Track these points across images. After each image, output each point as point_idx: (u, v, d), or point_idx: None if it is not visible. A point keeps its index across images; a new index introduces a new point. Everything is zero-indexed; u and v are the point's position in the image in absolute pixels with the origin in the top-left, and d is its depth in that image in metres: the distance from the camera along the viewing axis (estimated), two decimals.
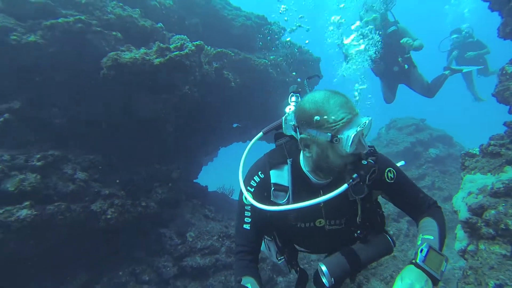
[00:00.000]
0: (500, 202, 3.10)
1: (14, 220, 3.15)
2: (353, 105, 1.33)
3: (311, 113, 1.32)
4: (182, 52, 3.96)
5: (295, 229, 1.59)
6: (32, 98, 3.80)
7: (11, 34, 3.33)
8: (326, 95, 1.33)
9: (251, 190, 1.51)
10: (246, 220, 1.54)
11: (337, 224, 1.57)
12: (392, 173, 1.52)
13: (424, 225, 1.47)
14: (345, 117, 1.28)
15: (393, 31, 5.22)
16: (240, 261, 1.53)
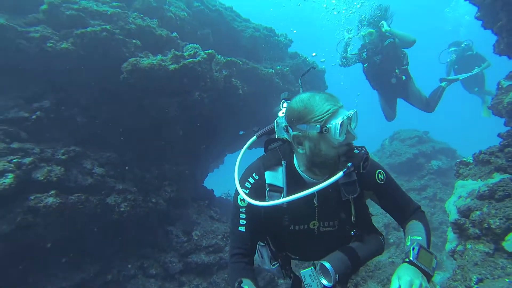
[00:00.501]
0: (485, 204, 3.34)
1: (42, 206, 3.49)
2: (338, 99, 1.43)
3: (299, 110, 1.41)
4: (195, 60, 4.33)
5: (289, 232, 1.60)
6: (59, 99, 4.19)
7: (48, 42, 3.76)
8: (312, 93, 1.44)
9: (246, 192, 1.52)
10: (241, 222, 1.55)
11: (331, 225, 1.60)
12: (382, 175, 1.58)
13: (411, 227, 1.51)
14: (331, 108, 1.37)
15: (390, 43, 5.31)
16: (236, 263, 1.53)
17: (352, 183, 1.51)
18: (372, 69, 5.63)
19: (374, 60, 5.52)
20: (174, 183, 5.75)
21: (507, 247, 2.84)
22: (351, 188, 1.50)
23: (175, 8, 5.63)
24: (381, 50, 5.40)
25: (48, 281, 4.08)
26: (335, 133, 1.33)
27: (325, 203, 1.54)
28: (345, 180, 1.49)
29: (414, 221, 1.54)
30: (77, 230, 4.31)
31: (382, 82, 5.77)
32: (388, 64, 5.47)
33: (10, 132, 3.77)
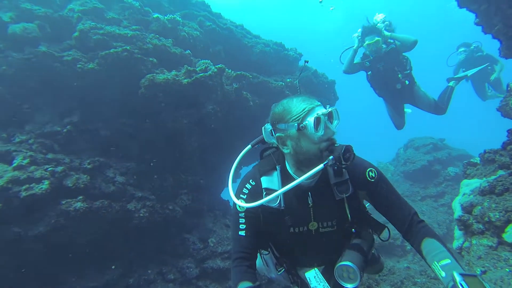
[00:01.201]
0: (486, 199, 3.42)
1: (72, 209, 3.86)
2: (315, 99, 1.52)
3: (279, 113, 1.52)
4: (206, 74, 4.71)
5: (290, 236, 1.63)
6: (86, 113, 4.64)
7: (78, 63, 4.26)
8: (291, 97, 1.55)
9: (244, 197, 1.59)
10: (241, 227, 1.59)
11: (329, 226, 1.62)
12: (374, 173, 1.58)
13: (431, 248, 1.42)
14: (307, 107, 1.46)
15: (391, 49, 5.36)
16: (238, 267, 1.55)
17: (344, 182, 1.56)
18: (376, 77, 5.66)
19: (377, 68, 5.56)
20: (190, 192, 6.05)
21: (507, 238, 2.91)
22: (344, 188, 1.55)
23: (188, 28, 6.11)
24: (383, 57, 5.45)
25: (77, 281, 4.42)
26: (311, 128, 1.41)
27: (319, 203, 1.58)
28: (337, 180, 1.56)
29: (427, 240, 1.45)
30: (102, 235, 4.65)
31: (387, 89, 5.77)
32: (391, 70, 5.49)
33: (46, 144, 4.23)
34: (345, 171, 1.57)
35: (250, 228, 1.58)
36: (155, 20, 5.34)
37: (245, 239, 1.58)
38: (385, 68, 5.48)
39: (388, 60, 5.44)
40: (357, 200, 1.64)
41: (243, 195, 1.60)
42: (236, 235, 1.60)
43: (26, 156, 3.84)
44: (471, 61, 8.42)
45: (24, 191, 3.56)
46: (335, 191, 1.55)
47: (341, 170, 1.56)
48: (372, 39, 5.33)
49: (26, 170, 3.74)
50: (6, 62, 4.16)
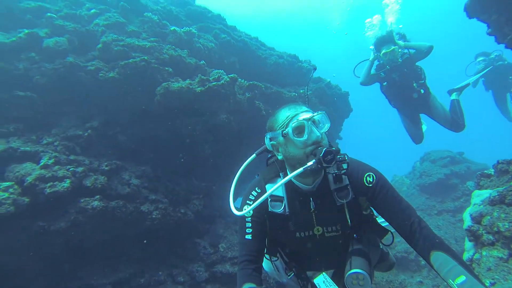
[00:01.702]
0: (495, 209, 3.36)
1: (90, 208, 4.14)
2: (302, 106, 1.58)
3: (270, 122, 1.66)
4: (219, 83, 4.95)
5: (296, 240, 1.68)
6: (105, 119, 4.98)
7: (100, 72, 4.63)
8: (282, 107, 1.64)
9: (250, 204, 1.63)
10: (247, 231, 1.63)
11: (334, 230, 1.65)
12: (372, 177, 1.57)
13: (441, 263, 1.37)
14: (290, 114, 1.54)
15: (406, 58, 5.34)
16: (243, 269, 1.59)
17: (343, 188, 1.57)
18: (391, 87, 5.63)
19: (392, 78, 5.54)
20: (202, 197, 6.23)
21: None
22: (344, 193, 1.56)
23: (203, 40, 6.44)
24: (398, 67, 5.43)
25: (92, 276, 4.66)
26: (291, 133, 1.48)
27: (322, 209, 1.61)
28: (337, 186, 1.58)
29: (435, 253, 1.40)
30: (116, 234, 4.89)
31: (403, 99, 5.73)
32: (406, 79, 5.47)
33: (69, 147, 4.57)
34: (345, 177, 1.58)
35: (256, 232, 1.63)
36: (172, 32, 5.70)
37: (251, 242, 1.62)
38: (400, 78, 5.46)
39: (403, 70, 5.42)
40: (358, 205, 1.65)
41: (249, 202, 1.65)
42: (243, 239, 1.64)
43: (51, 156, 4.16)
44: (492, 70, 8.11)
45: (48, 188, 3.86)
46: (336, 197, 1.57)
47: (341, 176, 1.57)
48: (388, 48, 5.31)
49: (51, 169, 4.06)
50: (39, 72, 4.58)
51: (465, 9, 4.62)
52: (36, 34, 4.61)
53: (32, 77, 4.49)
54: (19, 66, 4.41)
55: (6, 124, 4.31)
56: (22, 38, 4.38)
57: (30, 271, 4.23)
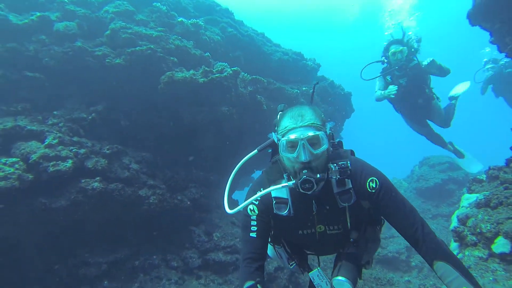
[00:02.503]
0: (480, 211, 3.48)
1: (90, 188, 4.29)
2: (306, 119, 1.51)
3: (276, 121, 1.67)
4: (221, 75, 5.07)
5: (299, 236, 1.75)
6: (109, 104, 5.13)
7: (106, 58, 4.77)
8: (292, 108, 1.59)
9: (256, 203, 1.67)
10: (252, 229, 1.65)
11: (336, 229, 1.71)
12: (375, 183, 1.56)
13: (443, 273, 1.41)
14: (289, 125, 1.51)
15: (415, 64, 5.35)
16: (246, 267, 1.60)
17: (346, 191, 1.58)
18: (398, 92, 5.54)
19: (400, 83, 5.53)
20: (200, 186, 6.37)
21: (495, 249, 2.96)
22: (346, 197, 1.57)
23: (210, 32, 6.55)
24: (407, 72, 5.45)
25: (90, 255, 4.83)
26: (283, 147, 1.51)
27: (324, 210, 1.65)
28: (339, 190, 1.58)
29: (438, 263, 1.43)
30: (114, 217, 5.05)
31: (407, 104, 5.77)
32: (414, 85, 5.51)
33: (73, 129, 4.73)
34: (348, 181, 1.58)
35: (261, 231, 1.65)
36: (179, 23, 5.82)
37: (256, 240, 1.64)
38: (408, 84, 5.49)
39: (412, 76, 5.45)
40: (360, 206, 1.66)
41: (255, 201, 1.67)
42: (248, 236, 1.66)
43: (56, 137, 4.32)
44: (500, 77, 8.21)
45: (51, 166, 4.02)
46: (338, 200, 1.59)
47: (344, 180, 1.57)
48: (397, 48, 5.34)
49: (55, 149, 4.21)
50: (49, 55, 4.73)
51: (468, 17, 4.68)
52: (48, 18, 4.74)
53: (42, 59, 4.64)
54: (30, 48, 4.56)
55: (15, 103, 4.46)
56: (34, 20, 4.52)
57: (30, 245, 4.40)
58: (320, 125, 1.53)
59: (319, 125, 1.52)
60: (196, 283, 5.48)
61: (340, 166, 1.54)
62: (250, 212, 1.67)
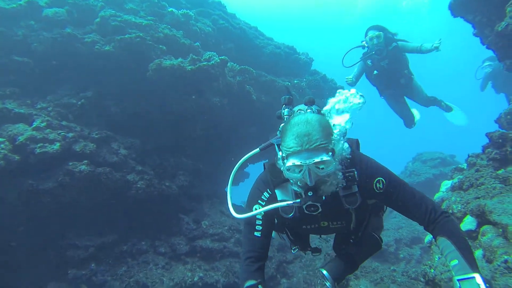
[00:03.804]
0: (454, 194, 3.60)
1: (77, 171, 4.40)
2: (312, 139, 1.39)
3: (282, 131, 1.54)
4: (209, 63, 5.17)
5: (304, 230, 1.83)
6: (100, 91, 5.22)
7: (96, 45, 4.87)
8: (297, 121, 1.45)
9: (262, 204, 1.66)
10: (257, 228, 1.64)
11: (339, 224, 1.75)
12: (381, 183, 1.54)
13: (442, 248, 1.46)
14: (294, 147, 1.41)
15: (394, 47, 5.56)
16: (248, 266, 1.60)
17: (352, 195, 1.58)
18: (381, 75, 5.81)
19: (381, 66, 5.73)
20: (189, 174, 6.47)
21: (463, 227, 3.07)
22: (352, 200, 1.58)
23: (201, 24, 6.63)
24: (387, 55, 5.63)
25: (77, 238, 4.93)
26: (284, 169, 1.47)
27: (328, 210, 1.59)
28: (345, 193, 1.58)
29: (440, 238, 1.48)
30: (103, 201, 5.15)
31: (390, 85, 5.99)
32: (394, 66, 5.73)
33: (62, 113, 4.83)
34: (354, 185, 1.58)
35: (265, 230, 1.65)
36: (169, 13, 5.91)
37: (260, 239, 1.64)
38: (389, 66, 5.69)
39: (392, 58, 5.66)
40: (366, 206, 1.69)
41: (262, 202, 1.66)
42: (251, 235, 1.65)
43: (44, 120, 4.41)
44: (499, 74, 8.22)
45: (38, 148, 4.12)
46: (344, 202, 1.59)
47: (350, 185, 1.56)
48: (374, 33, 5.53)
49: (42, 132, 4.31)
50: (37, 40, 4.81)
51: (449, 8, 4.78)
52: (36, 3, 4.83)
53: (31, 44, 4.72)
54: (18, 33, 4.64)
55: (3, 87, 4.54)
56: (22, 5, 4.60)
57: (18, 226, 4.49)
58: (326, 144, 1.41)
59: (326, 145, 1.41)
60: (182, 268, 5.59)
61: (347, 177, 1.52)
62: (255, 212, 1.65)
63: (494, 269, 1.98)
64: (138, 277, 5.20)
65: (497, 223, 2.30)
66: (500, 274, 1.92)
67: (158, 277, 5.38)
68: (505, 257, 2.01)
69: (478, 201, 2.97)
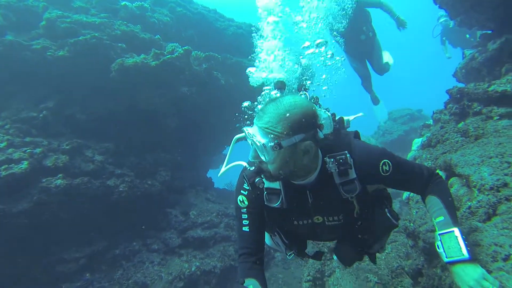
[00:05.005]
0: (424, 152, 3.85)
1: (53, 186, 4.26)
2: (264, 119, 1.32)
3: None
4: (173, 56, 5.03)
5: (295, 227, 1.64)
6: (61, 99, 4.96)
7: (48, 51, 4.55)
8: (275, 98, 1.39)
9: (245, 194, 1.58)
10: (244, 222, 1.57)
11: (336, 220, 1.59)
12: (387, 165, 1.47)
13: (430, 206, 1.48)
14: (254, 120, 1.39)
15: (355, 1, 5.46)
16: (243, 263, 1.54)
17: (350, 182, 1.46)
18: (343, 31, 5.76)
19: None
20: (169, 169, 6.44)
21: None
22: (351, 187, 1.45)
23: (158, 14, 6.36)
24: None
25: (65, 252, 4.85)
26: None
27: (322, 201, 1.53)
28: (342, 180, 1.46)
29: (430, 197, 1.50)
30: (86, 210, 5.05)
31: (352, 41, 5.98)
32: (356, 23, 5.70)
33: (23, 129, 4.57)
34: (351, 170, 1.46)
35: (253, 224, 1.57)
36: (123, 7, 5.61)
37: (249, 234, 1.57)
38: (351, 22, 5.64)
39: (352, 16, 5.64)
40: (366, 193, 1.58)
41: (244, 191, 1.59)
42: (240, 231, 1.59)
43: (3, 140, 4.18)
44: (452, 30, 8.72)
45: (3, 170, 3.91)
46: (341, 190, 1.46)
47: (346, 170, 1.45)
48: None
49: (4, 152, 4.09)
50: None
51: None
52: None
53: None
54: None
55: None
56: None
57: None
58: (279, 132, 1.28)
59: (277, 131, 1.28)
60: (178, 261, 5.69)
61: (337, 160, 1.43)
62: (240, 204, 1.60)
63: (461, 215, 2.19)
64: (136, 278, 5.25)
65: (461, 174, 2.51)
66: (466, 219, 2.13)
67: (156, 274, 5.45)
68: (468, 204, 2.21)
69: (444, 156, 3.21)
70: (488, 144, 2.78)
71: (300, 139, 1.29)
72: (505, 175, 2.16)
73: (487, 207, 2.02)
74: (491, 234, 1.78)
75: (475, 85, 3.77)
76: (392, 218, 1.62)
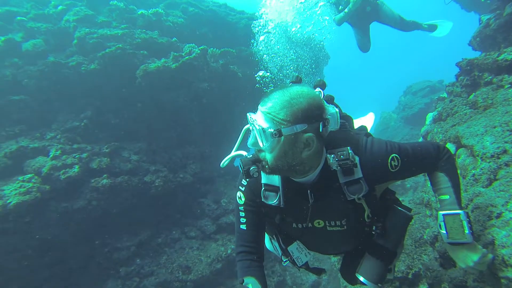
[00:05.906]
0: (436, 126, 3.99)
1: (101, 185, 4.86)
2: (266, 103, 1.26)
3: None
4: (191, 56, 5.41)
5: (294, 230, 1.56)
6: (97, 107, 5.53)
7: (82, 66, 5.11)
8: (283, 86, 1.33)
9: (242, 190, 1.54)
10: (241, 220, 1.53)
11: (338, 225, 1.48)
12: (396, 160, 1.38)
13: (437, 181, 1.46)
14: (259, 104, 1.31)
15: None
16: (242, 261, 1.50)
17: (355, 181, 1.36)
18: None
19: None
20: (198, 161, 6.93)
21: None
22: (356, 188, 1.35)
23: (172, 17, 6.73)
24: None
25: (117, 241, 5.53)
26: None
27: (323, 202, 1.43)
28: (347, 179, 1.36)
29: (436, 174, 1.47)
30: (129, 205, 5.66)
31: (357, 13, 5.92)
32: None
33: (70, 137, 5.20)
34: (357, 169, 1.35)
35: (250, 221, 1.52)
36: (140, 16, 6.02)
37: (246, 232, 1.52)
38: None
39: None
40: (374, 195, 1.45)
41: (242, 187, 1.55)
42: (238, 228, 1.55)
43: (58, 148, 4.80)
44: None
45: (62, 174, 4.54)
46: (346, 191, 1.36)
47: (352, 168, 1.34)
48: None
49: (60, 159, 4.72)
50: (26, 75, 5.05)
51: None
52: (13, 40, 5.01)
53: (21, 80, 4.97)
54: (6, 73, 4.88)
55: (11, 126, 4.88)
56: (0, 46, 4.79)
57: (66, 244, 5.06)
58: (281, 118, 1.21)
59: (278, 118, 1.22)
60: (215, 245, 6.23)
61: (338, 156, 1.32)
62: (238, 200, 1.56)
63: (466, 183, 2.41)
64: (179, 262, 5.85)
65: (466, 145, 2.71)
66: (470, 185, 2.35)
67: (197, 257, 6.03)
68: (473, 172, 2.43)
69: (453, 129, 3.37)
70: (495, 114, 2.92)
71: (302, 130, 1.21)
72: (505, 142, 2.36)
73: (488, 173, 2.24)
74: (489, 197, 2.03)
75: (484, 55, 3.82)
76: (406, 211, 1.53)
